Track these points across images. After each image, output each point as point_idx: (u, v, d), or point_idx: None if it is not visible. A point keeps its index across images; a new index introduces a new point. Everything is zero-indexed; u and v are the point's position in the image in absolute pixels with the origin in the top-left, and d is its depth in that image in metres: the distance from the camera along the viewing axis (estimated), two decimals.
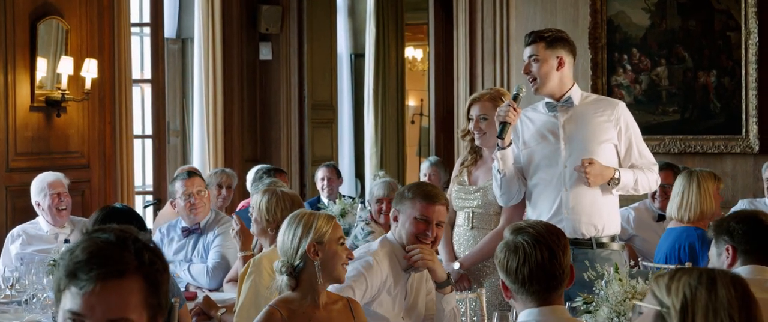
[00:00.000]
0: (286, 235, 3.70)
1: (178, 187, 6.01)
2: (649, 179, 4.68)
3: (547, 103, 4.73)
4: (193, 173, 6.22)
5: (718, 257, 3.65)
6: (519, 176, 4.71)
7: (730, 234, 3.64)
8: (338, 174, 8.61)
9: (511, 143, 4.64)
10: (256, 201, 4.67)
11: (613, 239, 4.66)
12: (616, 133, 4.63)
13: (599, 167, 4.49)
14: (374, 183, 6.68)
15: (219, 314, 4.87)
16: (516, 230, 3.06)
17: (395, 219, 4.27)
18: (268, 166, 8.00)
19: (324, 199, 8.29)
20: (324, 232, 3.66)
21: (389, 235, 4.30)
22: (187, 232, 6.04)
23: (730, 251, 3.65)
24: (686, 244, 5.34)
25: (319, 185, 8.48)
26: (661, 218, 6.23)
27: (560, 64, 4.64)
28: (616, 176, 4.53)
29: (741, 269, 3.53)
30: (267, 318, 3.55)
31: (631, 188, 4.63)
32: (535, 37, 4.66)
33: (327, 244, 3.66)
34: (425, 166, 8.54)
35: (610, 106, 4.70)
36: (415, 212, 4.20)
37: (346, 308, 3.75)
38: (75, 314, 1.90)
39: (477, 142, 5.01)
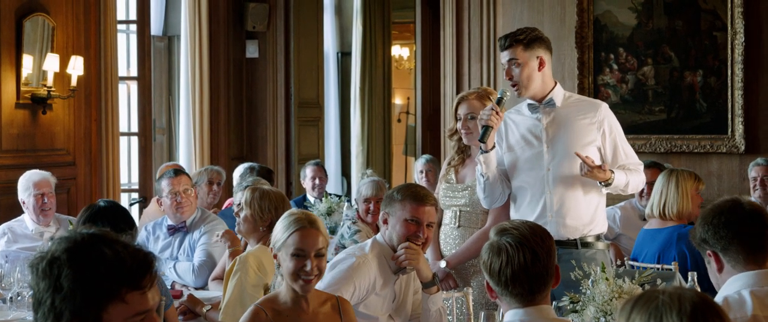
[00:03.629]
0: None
1: (164, 185, 5.98)
2: (638, 180, 4.68)
3: (529, 104, 4.72)
4: (179, 172, 6.19)
5: (708, 264, 3.20)
6: (502, 178, 4.69)
7: (705, 240, 3.15)
8: (325, 172, 8.61)
9: (494, 147, 4.64)
10: (246, 199, 4.66)
11: (598, 238, 4.66)
12: (600, 135, 4.62)
13: (601, 172, 4.47)
14: (362, 182, 6.66)
15: (204, 310, 4.87)
16: (500, 231, 3.04)
17: (385, 222, 4.26)
18: (255, 164, 7.98)
19: (310, 197, 8.27)
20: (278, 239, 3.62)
21: (378, 237, 4.29)
22: (173, 230, 6.03)
23: (713, 257, 3.15)
24: (675, 245, 5.36)
25: (308, 184, 8.45)
26: None
27: (541, 65, 4.62)
28: (612, 180, 4.52)
29: (740, 277, 3.10)
30: (252, 318, 3.53)
31: (620, 189, 4.63)
32: (510, 41, 4.62)
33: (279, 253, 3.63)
34: (421, 162, 8.43)
35: (593, 108, 4.68)
36: (405, 214, 4.18)
37: (334, 309, 3.72)
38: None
39: (464, 141, 5.00)
